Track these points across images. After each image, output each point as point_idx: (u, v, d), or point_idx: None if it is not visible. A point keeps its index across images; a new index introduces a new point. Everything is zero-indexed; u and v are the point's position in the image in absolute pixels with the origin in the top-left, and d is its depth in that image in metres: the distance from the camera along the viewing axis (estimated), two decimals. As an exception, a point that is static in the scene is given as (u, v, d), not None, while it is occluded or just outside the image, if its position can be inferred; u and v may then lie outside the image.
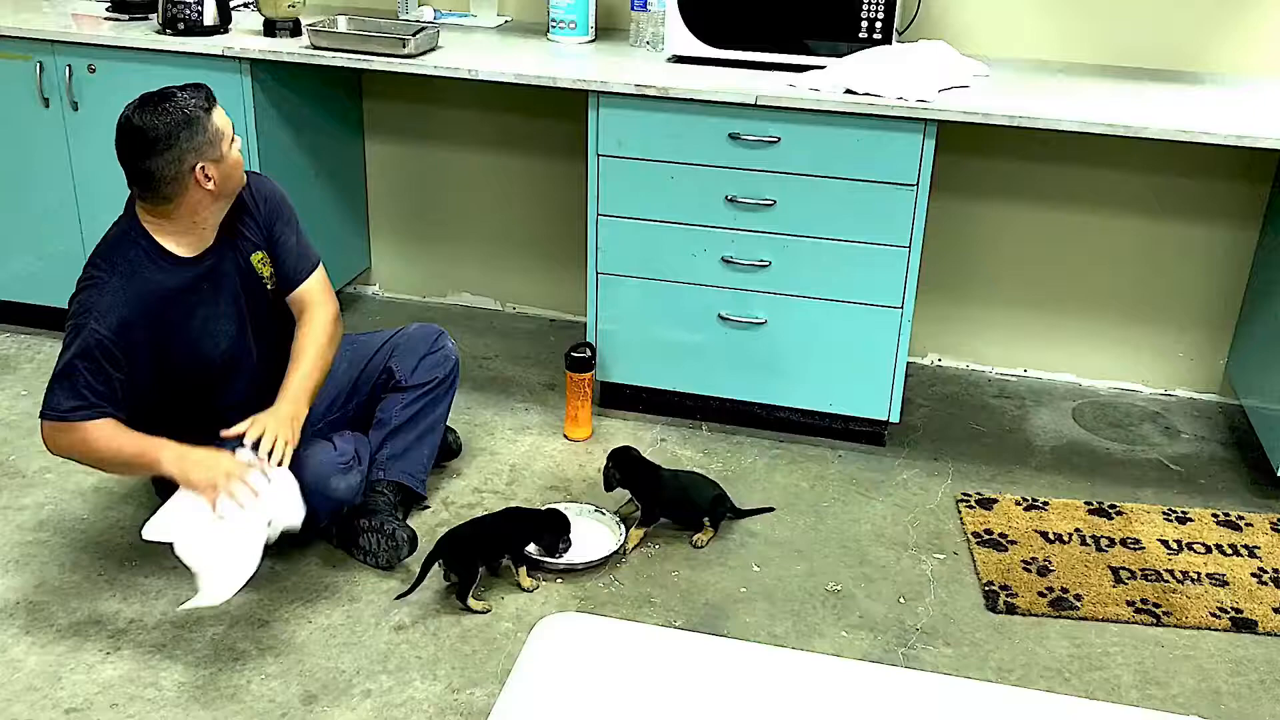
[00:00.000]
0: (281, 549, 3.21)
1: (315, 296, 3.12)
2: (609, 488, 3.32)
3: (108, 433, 2.82)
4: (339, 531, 3.23)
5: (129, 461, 2.84)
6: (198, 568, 2.74)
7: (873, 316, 3.60)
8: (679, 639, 2.25)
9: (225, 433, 2.87)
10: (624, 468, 3.31)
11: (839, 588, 3.17)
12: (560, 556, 3.16)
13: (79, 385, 2.79)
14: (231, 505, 2.76)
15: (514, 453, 3.73)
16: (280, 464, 2.83)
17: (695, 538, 3.32)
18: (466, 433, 3.81)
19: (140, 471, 2.91)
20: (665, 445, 3.79)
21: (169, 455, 2.82)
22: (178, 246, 2.89)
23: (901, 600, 3.12)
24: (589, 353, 3.77)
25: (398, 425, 3.29)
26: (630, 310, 3.78)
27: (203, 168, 2.80)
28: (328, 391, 3.33)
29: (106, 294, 2.80)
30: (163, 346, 2.88)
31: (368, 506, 3.19)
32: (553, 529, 3.15)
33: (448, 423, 3.49)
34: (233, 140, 2.86)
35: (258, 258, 3.05)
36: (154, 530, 2.78)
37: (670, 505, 3.34)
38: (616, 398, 3.97)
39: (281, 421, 2.89)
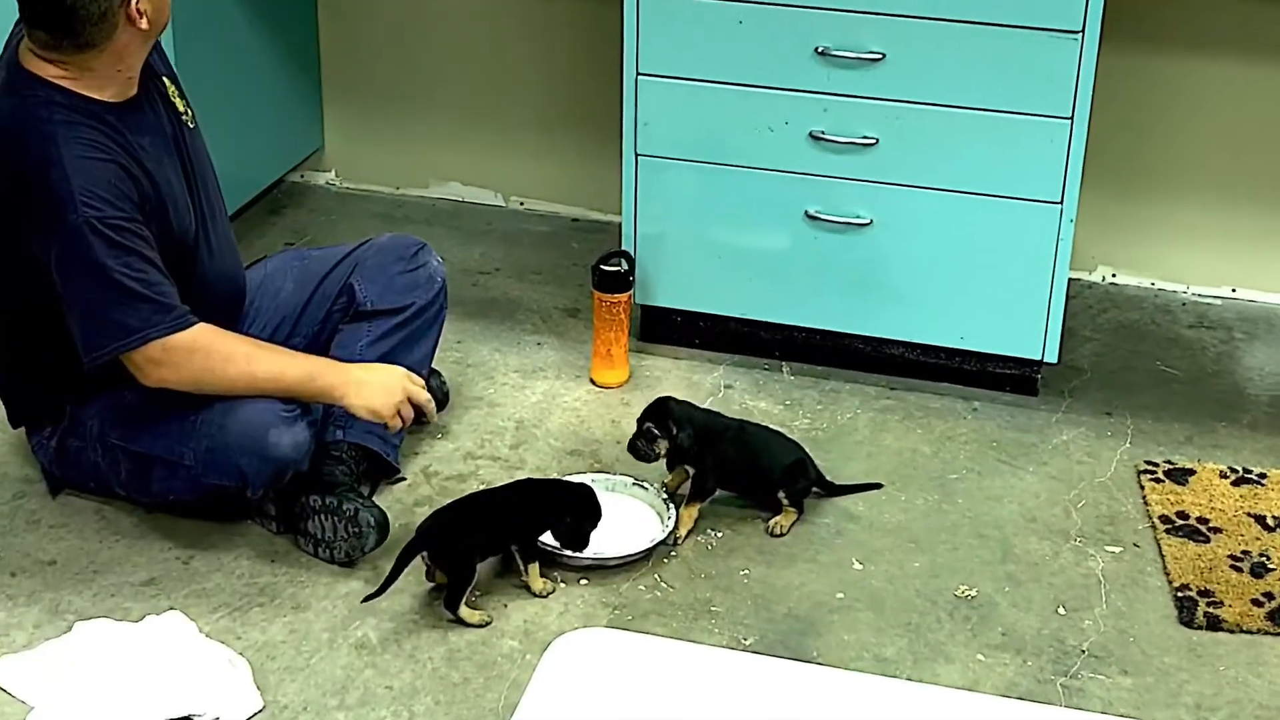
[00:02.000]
0: (194, 535, 3.22)
1: None
2: (644, 457, 3.31)
3: (231, 342, 3.05)
4: (280, 511, 3.25)
5: (279, 386, 3.05)
6: None
7: (1020, 216, 3.59)
8: (749, 665, 2.26)
9: None
10: (663, 421, 3.29)
11: (973, 593, 3.16)
12: (582, 550, 3.16)
13: (141, 288, 2.93)
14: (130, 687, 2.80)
15: (521, 404, 3.74)
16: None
17: (772, 522, 3.32)
18: (456, 377, 3.81)
19: (275, 394, 3.06)
20: (731, 394, 3.79)
21: (336, 376, 3.11)
22: (99, 97, 3.00)
23: (1061, 611, 3.12)
24: (625, 266, 3.77)
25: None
26: (682, 207, 3.79)
27: (135, 2, 2.92)
28: (265, 319, 3.39)
29: (68, 169, 2.89)
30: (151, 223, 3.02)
31: (321, 478, 3.24)
32: (579, 511, 3.15)
33: (432, 364, 3.50)
34: None
35: (172, 90, 3.18)
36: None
37: (732, 472, 3.34)
38: (663, 328, 3.98)
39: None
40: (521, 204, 4.71)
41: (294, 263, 3.48)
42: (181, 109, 3.19)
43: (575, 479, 3.29)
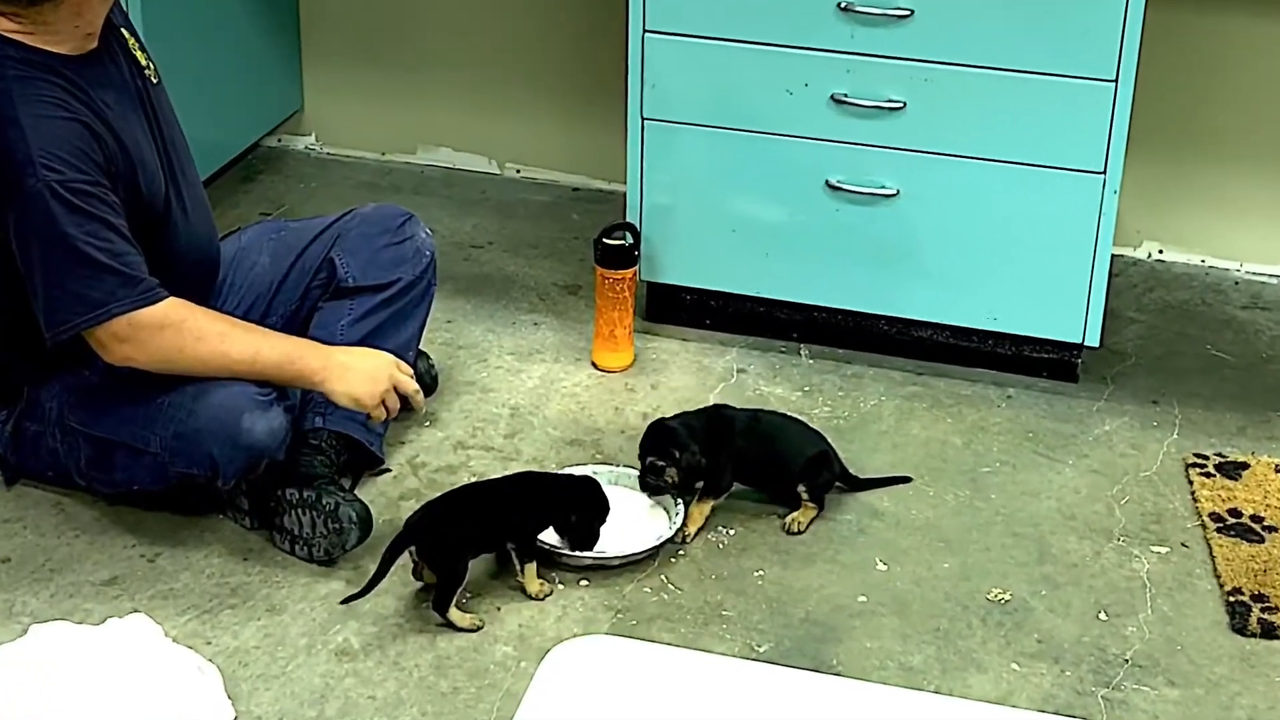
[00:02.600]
0: (161, 530, 3.22)
1: None
2: (659, 490, 3.31)
3: (204, 319, 3.03)
4: (254, 504, 3.25)
5: (254, 368, 3.05)
6: None
7: (1060, 187, 3.59)
8: (764, 674, 2.25)
9: None
10: (664, 449, 3.27)
11: (1007, 597, 3.17)
12: (588, 549, 3.17)
13: (106, 258, 2.92)
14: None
15: (517, 390, 3.75)
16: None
17: (789, 518, 3.32)
18: (446, 360, 3.82)
19: (247, 378, 3.06)
20: (744, 379, 3.79)
21: (317, 359, 3.11)
22: (57, 50, 3.01)
23: (1102, 616, 3.12)
24: (630, 239, 3.77)
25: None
26: (692, 176, 3.80)
27: None
28: (239, 295, 3.39)
29: (25, 129, 2.90)
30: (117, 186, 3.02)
31: (299, 470, 3.24)
32: (585, 506, 3.15)
33: (419, 345, 3.51)
34: None
35: (131, 43, 3.17)
36: None
37: (748, 465, 3.34)
38: (670, 307, 3.99)
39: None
40: (518, 172, 4.71)
41: (270, 235, 3.48)
42: (144, 62, 3.18)
43: (576, 471, 3.29)
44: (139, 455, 3.10)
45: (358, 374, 3.09)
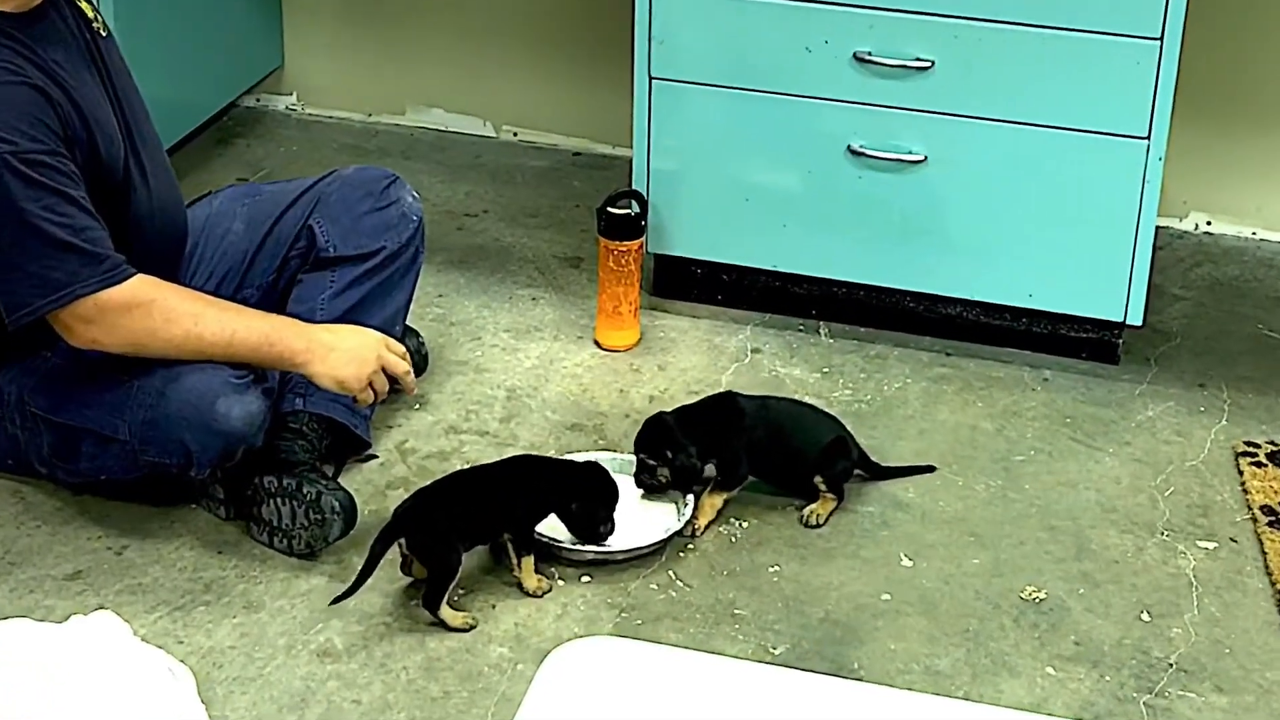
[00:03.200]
0: (129, 520, 3.23)
1: None
2: (653, 489, 3.32)
3: (175, 298, 3.02)
4: (230, 493, 3.26)
5: (230, 350, 3.05)
6: None
7: (1100, 153, 3.60)
8: (779, 679, 2.25)
9: None
10: (655, 447, 3.28)
11: (1042, 595, 3.17)
12: (604, 542, 3.18)
13: (67, 234, 2.91)
14: None
15: (513, 370, 3.75)
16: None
17: (807, 510, 3.33)
18: (436, 337, 3.82)
19: (224, 360, 3.06)
20: (759, 360, 3.79)
21: (298, 339, 3.09)
22: None
23: (1145, 617, 3.12)
24: (636, 208, 3.77)
25: (326, 323, 3.31)
26: (703, 140, 3.80)
27: None
28: (210, 266, 3.38)
29: None
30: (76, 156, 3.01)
31: (278, 456, 3.24)
32: (590, 494, 3.16)
33: (407, 321, 3.51)
34: None
35: None
36: None
37: (761, 456, 3.34)
38: (680, 282, 4.00)
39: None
40: (515, 135, 4.72)
41: (244, 200, 3.46)
42: (90, 15, 3.16)
43: (578, 458, 3.29)
44: (106, 443, 3.10)
45: (343, 355, 3.09)
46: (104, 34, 3.19)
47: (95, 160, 3.03)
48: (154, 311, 2.99)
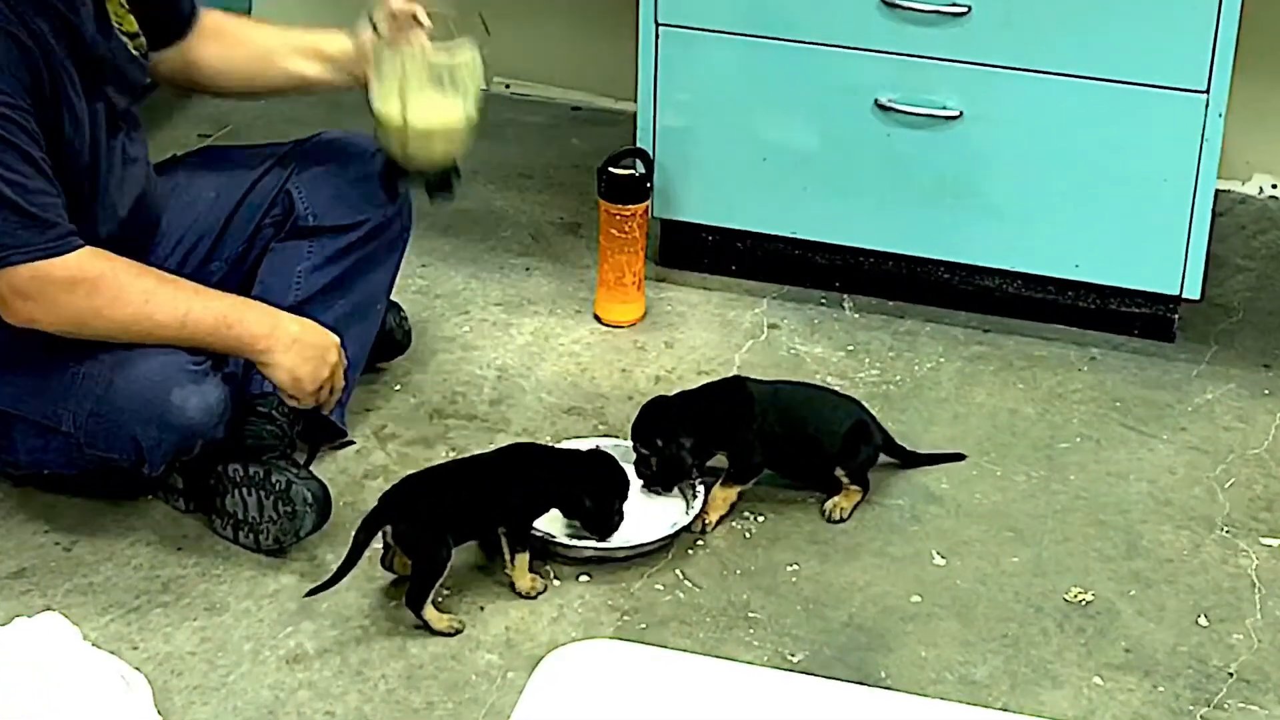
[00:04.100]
0: (79, 514, 3.23)
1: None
2: (650, 480, 3.33)
3: (126, 274, 3.01)
4: (190, 484, 3.27)
5: (184, 333, 3.04)
6: None
7: (1154, 109, 3.61)
8: (798, 687, 2.25)
9: None
10: (646, 436, 3.29)
11: (1089, 597, 3.17)
12: (610, 538, 3.19)
13: (13, 193, 2.90)
14: None
15: (505, 347, 3.77)
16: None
17: (830, 504, 3.34)
18: (420, 311, 3.84)
19: (177, 344, 3.06)
20: (777, 336, 3.81)
21: (261, 323, 3.10)
22: None
23: (1202, 621, 3.12)
24: (641, 169, 3.78)
25: (302, 300, 3.34)
26: (715, 93, 3.81)
27: None
28: (178, 238, 3.37)
29: None
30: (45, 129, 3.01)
31: (244, 442, 3.25)
32: (598, 485, 3.17)
33: (391, 295, 3.53)
34: None
35: None
36: None
37: (774, 446, 3.35)
38: (689, 250, 4.01)
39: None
40: (507, 88, 4.75)
41: (214, 164, 3.45)
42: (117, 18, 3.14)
43: (578, 446, 3.31)
44: (47, 434, 3.11)
45: (306, 349, 3.10)
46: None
47: (58, 133, 3.02)
48: (100, 288, 2.98)
